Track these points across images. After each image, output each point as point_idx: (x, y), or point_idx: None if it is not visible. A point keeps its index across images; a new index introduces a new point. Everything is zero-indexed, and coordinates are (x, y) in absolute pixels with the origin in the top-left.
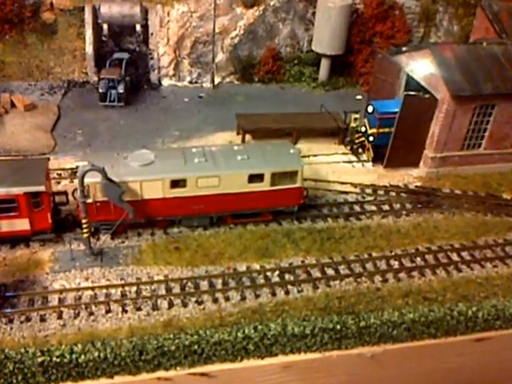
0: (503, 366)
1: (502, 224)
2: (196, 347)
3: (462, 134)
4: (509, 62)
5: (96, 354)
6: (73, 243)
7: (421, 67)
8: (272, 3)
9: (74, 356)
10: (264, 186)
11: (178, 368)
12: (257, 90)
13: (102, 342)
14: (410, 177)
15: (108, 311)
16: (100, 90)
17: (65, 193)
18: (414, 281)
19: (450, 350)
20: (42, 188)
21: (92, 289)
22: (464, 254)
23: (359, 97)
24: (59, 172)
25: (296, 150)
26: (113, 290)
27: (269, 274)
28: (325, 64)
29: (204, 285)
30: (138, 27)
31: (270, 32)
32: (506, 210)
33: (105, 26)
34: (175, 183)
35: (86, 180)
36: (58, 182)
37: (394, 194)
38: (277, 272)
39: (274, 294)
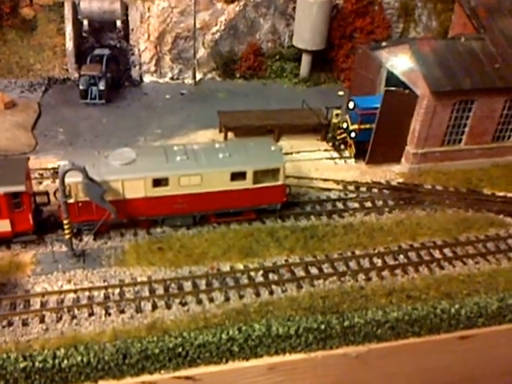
0: (487, 364)
1: (483, 220)
2: (180, 350)
3: (443, 130)
4: (487, 57)
5: (79, 358)
6: (55, 245)
7: (400, 63)
8: None
9: (57, 361)
10: (247, 183)
11: (162, 371)
12: (238, 86)
13: (86, 346)
14: (392, 173)
15: (91, 314)
16: (81, 87)
17: (46, 193)
18: (397, 279)
19: (434, 349)
20: (22, 188)
21: (75, 291)
22: (446, 250)
23: (341, 92)
24: (41, 172)
25: (278, 146)
26: (96, 293)
27: (253, 273)
28: (306, 59)
29: (188, 286)
30: (118, 23)
31: (250, 27)
32: (486, 206)
33: (85, 22)
34: (157, 182)
35: (67, 180)
36: (40, 182)
37: (376, 190)
38: (261, 272)
39: (258, 295)
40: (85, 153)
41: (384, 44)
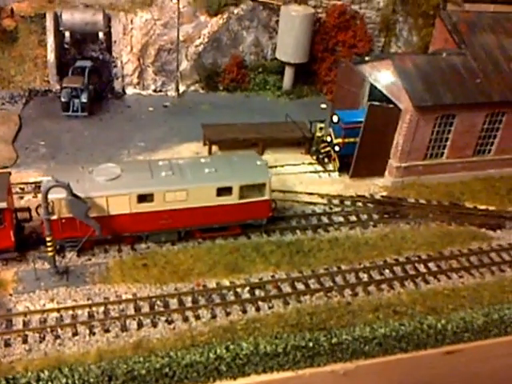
0: (473, 378)
1: (466, 233)
2: (167, 370)
3: (425, 144)
4: (468, 72)
5: (64, 380)
6: (37, 262)
7: (383, 77)
8: (236, 11)
9: (40, 383)
10: (233, 199)
11: None
12: (222, 99)
13: (70, 368)
14: (376, 186)
15: (75, 334)
16: (63, 99)
17: (28, 209)
18: (383, 294)
19: (421, 364)
20: (3, 205)
21: (58, 310)
22: (431, 265)
23: (324, 105)
24: (22, 186)
25: (263, 161)
26: (80, 311)
27: (239, 290)
28: (289, 72)
29: (173, 303)
30: (100, 34)
31: (234, 40)
32: (469, 219)
33: (67, 34)
34: (142, 198)
35: (51, 196)
36: (21, 197)
37: (360, 204)
38: (247, 288)
39: (244, 311)
40: (68, 168)
41: (367, 58)
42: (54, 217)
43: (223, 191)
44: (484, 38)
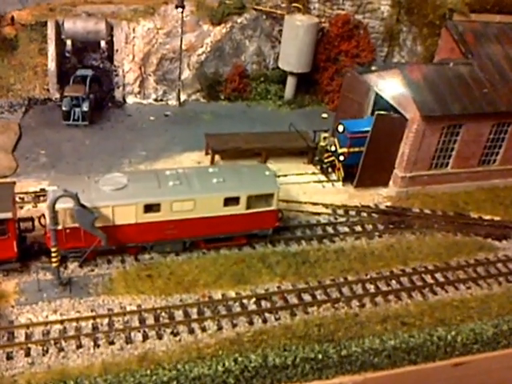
0: None
1: (472, 244)
2: (175, 383)
3: (431, 154)
4: (475, 82)
5: None
6: (39, 273)
7: (390, 87)
8: (239, 20)
9: None
10: (240, 209)
11: None
12: (223, 108)
13: (75, 381)
14: (380, 196)
15: (79, 346)
16: (64, 108)
17: (31, 219)
18: (390, 305)
19: (429, 376)
20: (8, 215)
21: (61, 322)
22: (438, 275)
23: (325, 115)
24: (22, 196)
25: (272, 172)
26: (83, 323)
27: (245, 301)
28: (291, 82)
29: (179, 314)
30: (102, 43)
31: (236, 49)
32: (474, 230)
33: (68, 42)
34: (149, 208)
35: (57, 206)
36: (21, 207)
37: (365, 214)
38: (253, 299)
39: (251, 323)
40: (73, 177)
41: (373, 68)
42: (59, 227)
43: (230, 201)
44: (490, 48)
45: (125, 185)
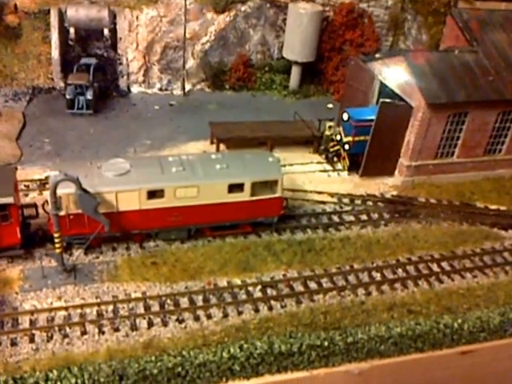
0: (487, 379)
1: (478, 233)
2: (180, 369)
3: (436, 143)
4: (480, 70)
5: (73, 380)
6: (44, 259)
7: (394, 75)
8: (243, 9)
9: (49, 383)
10: (244, 196)
11: None
12: (228, 98)
13: (80, 368)
14: (386, 186)
15: (84, 333)
16: (68, 97)
17: (34, 205)
18: (397, 293)
19: (436, 364)
20: (10, 200)
21: (66, 309)
22: (444, 264)
23: (330, 105)
24: (27, 183)
25: (275, 158)
26: (88, 310)
27: (251, 289)
28: (296, 71)
29: (184, 302)
30: (105, 31)
31: (240, 38)
32: (480, 219)
33: (71, 30)
34: (152, 194)
35: (59, 191)
36: (26, 195)
37: (371, 203)
38: (259, 287)
39: (257, 311)
40: (76, 163)
41: (378, 56)
42: (62, 213)
43: (235, 188)
44: (495, 35)
45: (128, 170)
